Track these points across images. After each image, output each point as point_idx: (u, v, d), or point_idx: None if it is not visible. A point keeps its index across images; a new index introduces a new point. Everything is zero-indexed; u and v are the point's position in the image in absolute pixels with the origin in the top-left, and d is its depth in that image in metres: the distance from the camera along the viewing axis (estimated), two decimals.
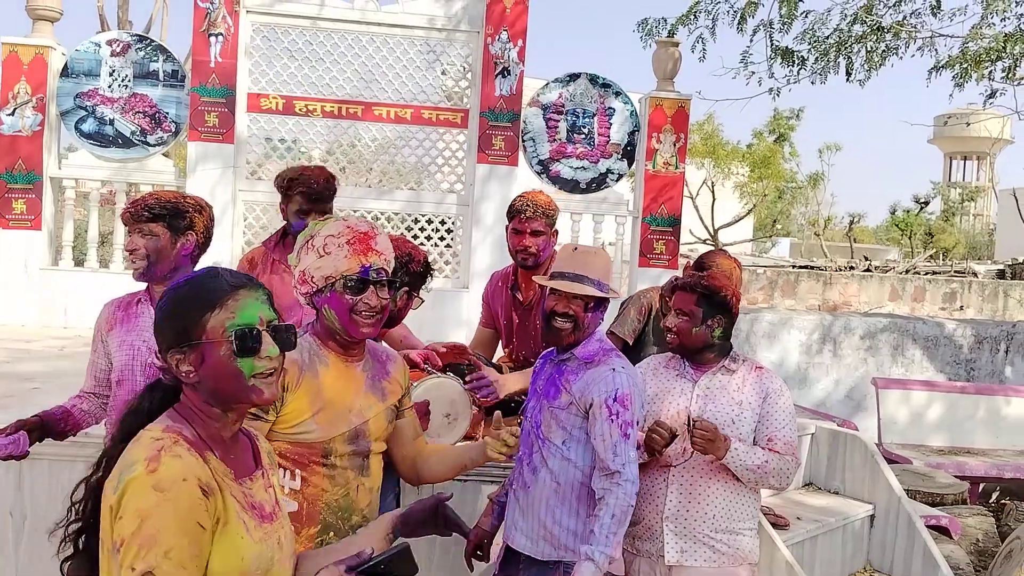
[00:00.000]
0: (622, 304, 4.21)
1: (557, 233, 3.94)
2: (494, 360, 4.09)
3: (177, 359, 1.72)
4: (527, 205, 3.82)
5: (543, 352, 3.10)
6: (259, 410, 2.34)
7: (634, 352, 4.00)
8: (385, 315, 2.45)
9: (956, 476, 7.16)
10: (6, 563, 3.67)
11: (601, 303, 2.87)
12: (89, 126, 7.49)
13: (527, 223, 3.80)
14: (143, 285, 2.93)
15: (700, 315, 3.15)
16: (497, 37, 7.76)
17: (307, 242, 2.44)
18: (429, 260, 3.11)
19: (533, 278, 3.75)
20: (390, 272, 2.44)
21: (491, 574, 3.09)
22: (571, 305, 2.82)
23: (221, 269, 1.80)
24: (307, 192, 3.64)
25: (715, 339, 3.18)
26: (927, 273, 21.05)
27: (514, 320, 4.04)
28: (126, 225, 2.83)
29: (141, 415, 1.75)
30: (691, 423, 2.99)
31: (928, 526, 5.30)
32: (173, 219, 2.83)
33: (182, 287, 1.76)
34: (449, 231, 8.18)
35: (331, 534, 2.41)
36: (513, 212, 3.86)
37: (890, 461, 6.02)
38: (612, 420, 2.71)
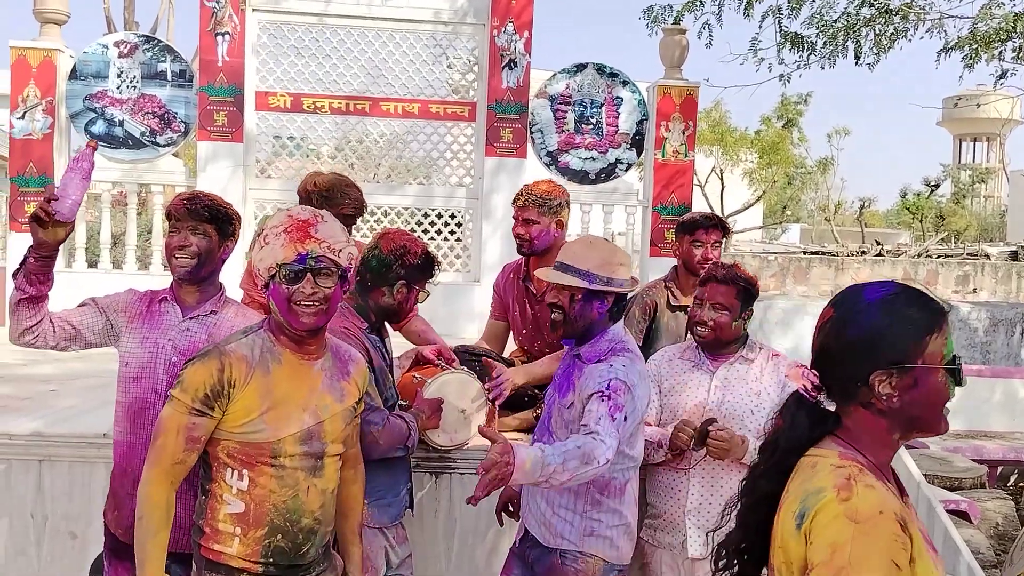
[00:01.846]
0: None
1: (562, 224, 3.89)
2: (505, 355, 4.09)
3: (881, 380, 1.58)
4: (520, 194, 3.82)
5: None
6: (204, 407, 2.28)
7: (644, 351, 3.98)
8: (330, 305, 2.34)
9: (973, 460, 7.14)
10: (27, 564, 3.70)
11: (594, 296, 2.76)
12: (99, 128, 7.50)
13: (520, 212, 3.81)
14: (166, 283, 2.91)
15: (739, 308, 3.10)
16: (503, 29, 7.74)
17: (256, 237, 2.44)
18: (431, 252, 3.03)
19: (535, 272, 3.76)
20: (338, 261, 2.34)
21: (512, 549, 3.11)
22: (559, 296, 2.79)
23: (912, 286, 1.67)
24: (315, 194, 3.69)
25: (744, 331, 3.17)
26: (939, 256, 20.97)
27: (527, 312, 4.03)
28: (177, 219, 2.76)
29: (800, 438, 1.67)
30: (705, 430, 2.95)
31: (947, 511, 5.28)
32: (224, 224, 2.81)
33: (899, 302, 1.61)
34: (459, 225, 8.18)
35: (278, 536, 2.35)
36: (512, 203, 3.91)
37: (906, 446, 6.00)
38: (603, 399, 2.62)
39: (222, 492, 2.36)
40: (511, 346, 4.29)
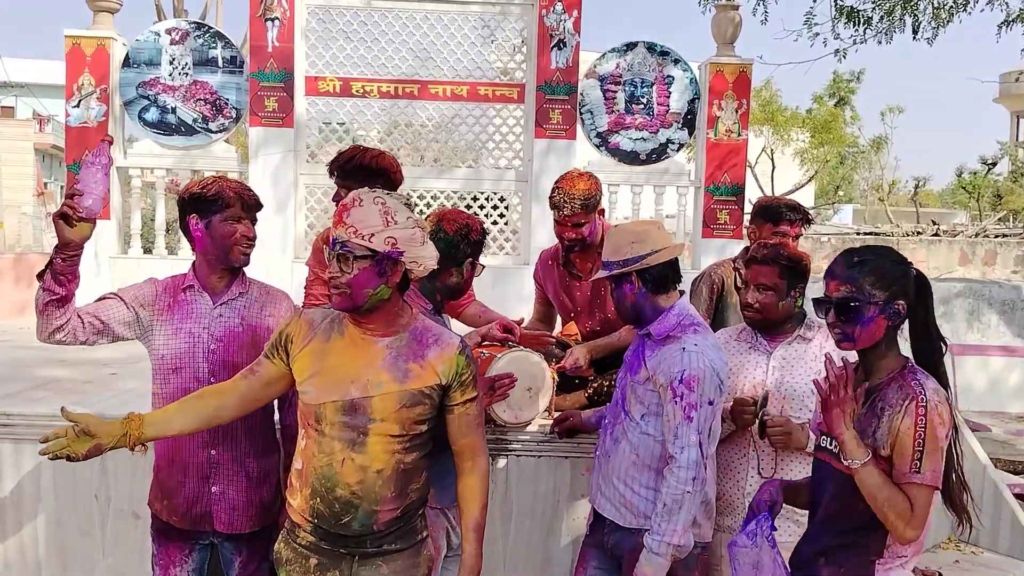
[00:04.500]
0: (693, 282, 4.11)
1: (603, 211, 3.81)
2: (553, 334, 4.10)
3: None
4: (563, 202, 3.67)
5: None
6: (269, 351, 2.49)
7: (714, 329, 3.91)
8: (353, 290, 2.32)
9: None
10: (93, 545, 3.76)
11: (620, 280, 2.82)
12: (152, 115, 7.59)
13: (567, 219, 3.71)
14: (184, 269, 2.93)
15: (784, 287, 3.05)
16: (552, 9, 7.66)
17: None
18: (484, 227, 3.07)
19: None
20: (368, 245, 2.31)
21: (578, 538, 3.11)
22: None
23: None
24: (331, 168, 3.69)
25: (797, 309, 3.10)
26: (997, 236, 20.44)
27: (575, 294, 3.99)
28: (246, 208, 2.82)
29: None
30: (764, 420, 2.93)
31: (1013, 495, 5.16)
32: None
33: None
34: (508, 207, 8.14)
35: (317, 500, 2.42)
36: (552, 206, 3.76)
37: (972, 429, 5.87)
38: (676, 402, 2.68)
39: (297, 448, 2.51)
40: (556, 330, 4.28)
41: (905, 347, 2.39)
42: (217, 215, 2.78)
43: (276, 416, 3.01)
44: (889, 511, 2.27)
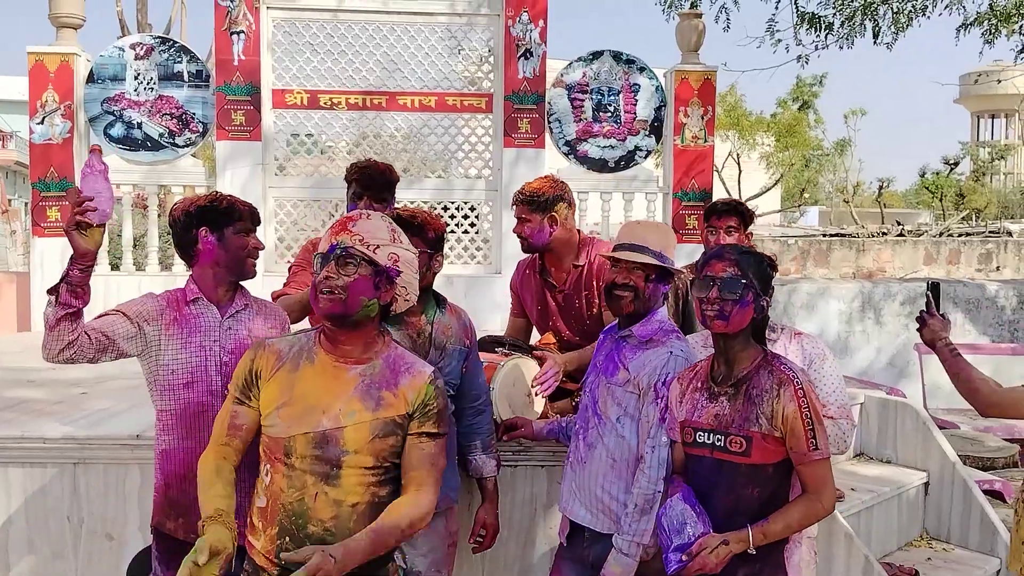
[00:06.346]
0: None
1: (555, 220, 3.77)
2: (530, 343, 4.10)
3: None
4: (515, 193, 3.84)
5: (605, 327, 3.09)
6: (242, 395, 2.40)
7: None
8: (349, 295, 2.27)
9: (1005, 439, 7.08)
10: (66, 567, 3.72)
11: (663, 276, 2.84)
12: (118, 131, 7.52)
13: (515, 212, 3.81)
14: (181, 283, 2.92)
15: None
16: (518, 19, 7.70)
17: None
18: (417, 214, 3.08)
19: (600, 253, 3.70)
20: (370, 255, 2.31)
21: (556, 548, 3.12)
22: (631, 276, 2.82)
23: None
24: (360, 178, 3.73)
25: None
26: (961, 235, 20.74)
27: (550, 303, 3.99)
28: (254, 222, 2.86)
29: None
30: None
31: (981, 491, 5.25)
32: None
33: None
34: (479, 217, 8.15)
35: (286, 539, 2.30)
36: None
37: (939, 427, 5.96)
38: (656, 403, 2.72)
39: (258, 485, 2.41)
40: (533, 341, 4.28)
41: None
42: (230, 228, 2.80)
43: None
44: (806, 522, 2.54)
